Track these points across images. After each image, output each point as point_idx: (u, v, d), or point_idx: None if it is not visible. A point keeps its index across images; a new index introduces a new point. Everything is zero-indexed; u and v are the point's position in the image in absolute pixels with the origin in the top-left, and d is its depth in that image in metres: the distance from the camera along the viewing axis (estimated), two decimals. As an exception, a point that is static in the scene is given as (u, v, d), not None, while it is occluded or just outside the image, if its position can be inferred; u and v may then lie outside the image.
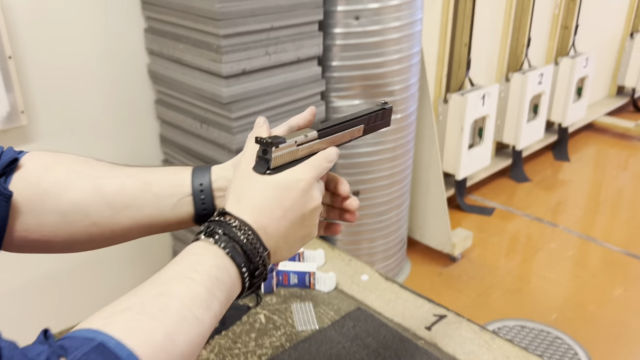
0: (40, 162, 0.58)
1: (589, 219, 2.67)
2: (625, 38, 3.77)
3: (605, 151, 3.44)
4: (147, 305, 0.44)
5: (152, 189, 0.58)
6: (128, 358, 0.39)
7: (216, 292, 0.47)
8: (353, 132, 0.60)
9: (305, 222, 0.54)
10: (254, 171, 0.53)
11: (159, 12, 1.57)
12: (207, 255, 0.49)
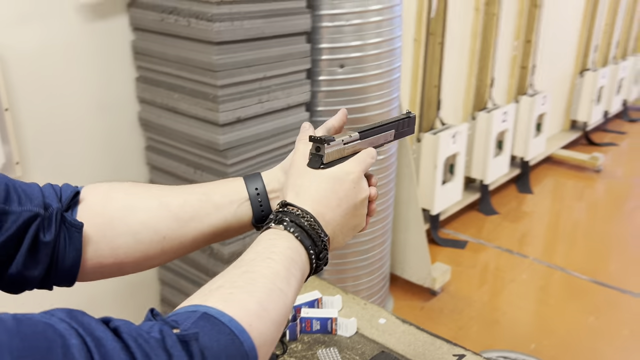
0: (100, 192, 0.62)
1: (555, 249, 2.80)
2: (576, 76, 4.03)
3: (564, 183, 3.62)
4: (237, 282, 0.49)
5: (213, 200, 0.63)
6: (229, 323, 0.44)
7: (292, 270, 0.53)
8: (386, 135, 0.68)
9: (357, 212, 0.61)
10: (309, 167, 0.60)
11: (152, 62, 1.61)
12: (280, 239, 0.55)
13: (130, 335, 0.39)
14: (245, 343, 0.44)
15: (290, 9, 1.60)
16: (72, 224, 0.57)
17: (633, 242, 2.84)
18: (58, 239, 0.57)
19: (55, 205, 0.57)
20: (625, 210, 3.22)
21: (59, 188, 0.61)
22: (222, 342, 0.43)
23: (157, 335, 0.40)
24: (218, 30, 1.42)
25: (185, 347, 0.41)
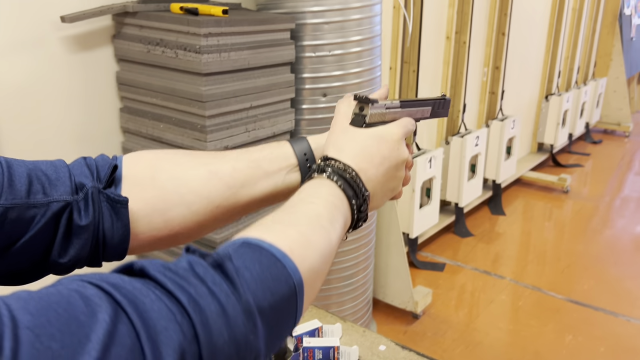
0: (145, 163, 0.60)
1: (530, 270, 2.87)
2: (542, 100, 4.17)
3: (534, 204, 3.72)
4: (279, 218, 0.49)
5: (262, 166, 0.62)
6: (270, 248, 0.43)
7: (335, 214, 0.53)
8: (424, 111, 0.70)
9: (397, 173, 0.62)
10: (352, 125, 0.61)
11: (137, 93, 1.61)
12: (323, 187, 0.55)
13: (158, 271, 0.37)
14: (287, 266, 0.43)
15: (275, 41, 1.63)
16: (115, 200, 0.55)
17: (602, 261, 2.93)
18: (101, 218, 0.55)
19: (89, 184, 0.55)
20: (593, 230, 3.32)
21: (93, 163, 0.58)
22: (263, 263, 0.42)
23: (185, 266, 0.38)
24: (206, 61, 1.44)
25: (219, 269, 0.39)
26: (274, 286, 0.41)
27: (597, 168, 4.39)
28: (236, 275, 0.39)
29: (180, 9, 1.51)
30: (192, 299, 0.35)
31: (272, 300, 0.40)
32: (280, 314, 0.42)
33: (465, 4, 2.83)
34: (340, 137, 0.60)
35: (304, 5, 1.76)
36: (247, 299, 0.38)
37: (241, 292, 0.38)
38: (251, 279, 0.40)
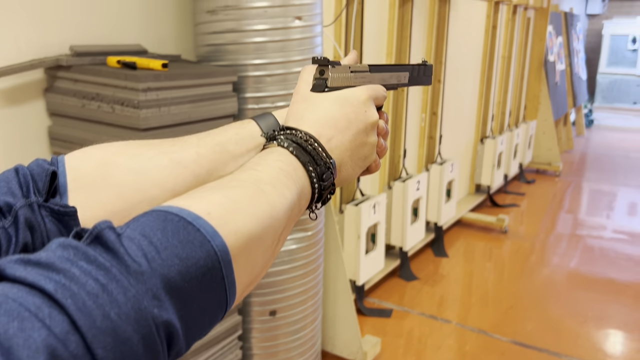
0: (94, 160, 0.52)
1: (475, 312, 2.90)
2: (477, 143, 4.33)
3: (475, 244, 3.81)
4: (208, 186, 0.43)
5: (228, 149, 0.56)
6: (179, 212, 0.37)
7: (282, 179, 0.46)
8: (399, 76, 0.64)
9: (367, 139, 0.56)
10: (313, 92, 0.55)
11: (71, 148, 1.52)
12: (271, 153, 0.49)
13: (14, 267, 0.30)
14: (203, 229, 0.37)
15: (217, 94, 1.61)
16: (61, 212, 0.47)
17: (542, 300, 3.00)
18: (46, 238, 0.46)
19: (19, 202, 0.46)
20: (531, 269, 3.42)
21: (27, 172, 0.49)
22: (167, 229, 0.36)
23: (50, 253, 0.32)
24: (145, 117, 1.39)
25: (97, 243, 0.33)
26: (183, 252, 0.35)
27: (532, 207, 4.56)
28: (119, 244, 0.33)
29: (117, 63, 1.47)
30: (61, 284, 0.30)
31: (183, 267, 0.35)
32: (199, 285, 0.36)
33: (402, 52, 2.92)
34: (300, 105, 0.55)
35: (246, 58, 1.76)
36: (138, 269, 0.33)
37: (128, 262, 0.33)
38: (149, 247, 0.34)
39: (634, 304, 2.92)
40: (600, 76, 8.02)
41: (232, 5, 1.72)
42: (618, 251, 3.66)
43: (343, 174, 0.55)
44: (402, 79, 0.65)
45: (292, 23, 1.78)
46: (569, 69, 6.35)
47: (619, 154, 6.73)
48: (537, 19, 5.19)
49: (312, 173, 0.50)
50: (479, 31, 4.05)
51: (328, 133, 0.53)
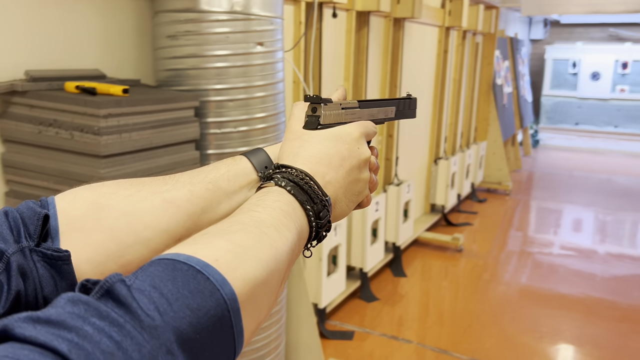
0: (84, 203, 0.50)
1: (434, 331, 2.94)
2: (431, 164, 4.43)
3: (432, 264, 3.87)
4: (210, 230, 0.43)
5: (221, 187, 0.55)
6: (187, 260, 0.37)
7: (283, 220, 0.46)
8: (387, 111, 0.65)
9: (361, 175, 0.56)
10: (306, 129, 0.56)
11: (26, 176, 1.48)
12: (269, 194, 0.49)
13: (23, 326, 0.29)
14: (212, 277, 0.36)
15: (179, 119, 1.60)
16: (54, 256, 0.46)
17: (499, 317, 3.08)
18: (39, 284, 0.44)
19: (11, 248, 0.44)
20: (487, 286, 3.50)
21: (17, 216, 0.47)
22: (178, 279, 0.35)
23: (60, 309, 0.31)
24: (106, 143, 1.36)
25: (107, 298, 0.32)
26: (194, 302, 0.35)
27: (485, 225, 4.68)
28: (131, 298, 0.33)
29: (75, 88, 1.44)
30: (74, 344, 0.29)
31: (194, 318, 0.34)
32: (210, 335, 0.35)
33: (359, 77, 2.97)
34: (293, 142, 0.55)
35: (207, 83, 1.75)
36: (151, 323, 0.32)
37: (141, 317, 0.32)
38: (160, 299, 0.34)
39: (585, 319, 3.03)
40: (544, 98, 8.39)
41: (193, 30, 1.72)
42: (567, 267, 3.80)
43: (337, 210, 0.55)
44: (389, 113, 0.67)
45: (254, 49, 1.79)
46: (515, 91, 6.61)
47: (563, 172, 7.02)
48: (485, 43, 5.40)
49: (309, 212, 0.51)
50: (431, 56, 4.18)
51: (323, 170, 0.53)
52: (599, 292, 3.37)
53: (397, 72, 3.41)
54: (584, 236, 4.67)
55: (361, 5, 2.81)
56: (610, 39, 8.33)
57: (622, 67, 7.86)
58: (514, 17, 7.44)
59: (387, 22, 3.25)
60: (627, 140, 8.10)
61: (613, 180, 6.68)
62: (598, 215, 5.18)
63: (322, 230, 0.53)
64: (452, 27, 4.28)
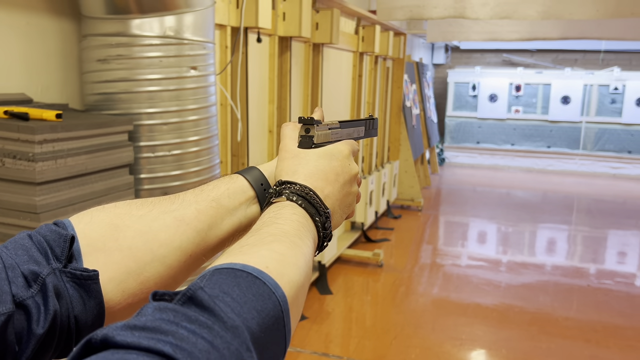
0: (101, 224, 0.52)
1: (363, 345, 3.02)
2: (350, 183, 4.57)
3: (355, 280, 3.98)
4: (246, 242, 0.46)
5: (223, 204, 0.59)
6: (244, 268, 0.41)
7: (302, 231, 0.51)
8: (359, 130, 0.72)
9: (351, 189, 0.62)
10: (300, 148, 0.61)
11: (-52, 205, 1.39)
12: (284, 208, 0.53)
13: (123, 334, 0.32)
14: (267, 282, 0.40)
15: (113, 143, 1.57)
16: (84, 276, 0.47)
17: (421, 328, 3.22)
18: (70, 304, 0.45)
19: (45, 269, 0.45)
20: (408, 299, 3.65)
21: (42, 239, 0.48)
22: (242, 285, 0.39)
23: (151, 316, 0.33)
24: (41, 170, 1.32)
25: (191, 304, 0.35)
26: (259, 305, 0.39)
27: (400, 241, 4.88)
28: (213, 303, 0.36)
29: (4, 114, 1.38)
30: (176, 346, 0.31)
31: (260, 319, 0.38)
32: (270, 334, 0.39)
33: (282, 99, 3.04)
34: (291, 160, 0.60)
35: (139, 107, 1.74)
36: (233, 324, 0.36)
37: (225, 318, 0.35)
38: (233, 303, 0.37)
39: (498, 324, 3.25)
40: (448, 119, 8.92)
41: (125, 54, 1.70)
42: (478, 277, 4.05)
43: (334, 221, 0.59)
44: (360, 132, 0.74)
45: (187, 73, 1.80)
46: (422, 113, 6.99)
47: (468, 188, 7.48)
48: (395, 68, 5.68)
49: (318, 223, 0.55)
50: (347, 79, 4.34)
51: (321, 185, 0.58)
52: (509, 299, 3.63)
53: (317, 95, 3.52)
54: (490, 247, 5.00)
55: (283, 30, 2.89)
56: (504, 64, 9.04)
57: (516, 90, 8.56)
58: (419, 43, 7.89)
59: (307, 47, 3.35)
60: (523, 157, 8.79)
61: (512, 194, 7.21)
62: (500, 227, 5.57)
63: (326, 240, 0.58)
64: (366, 53, 4.48)
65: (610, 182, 8.00)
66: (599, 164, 8.40)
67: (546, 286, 3.88)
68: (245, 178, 0.62)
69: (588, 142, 8.40)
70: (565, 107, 8.35)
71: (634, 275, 4.26)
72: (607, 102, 8.21)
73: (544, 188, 7.50)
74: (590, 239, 5.20)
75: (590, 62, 8.66)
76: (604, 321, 3.29)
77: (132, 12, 1.69)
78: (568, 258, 4.65)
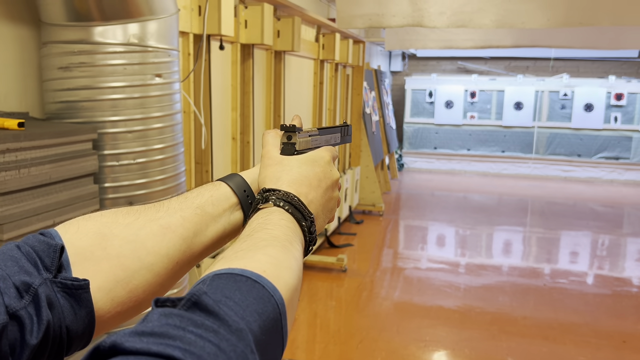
0: (89, 233, 0.52)
1: (330, 350, 3.04)
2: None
3: (320, 285, 3.99)
4: (240, 248, 0.47)
5: (208, 211, 0.59)
6: (243, 272, 0.42)
7: (291, 236, 0.52)
8: (335, 137, 0.74)
9: (333, 194, 0.64)
10: (283, 155, 0.62)
11: None
12: (272, 214, 0.54)
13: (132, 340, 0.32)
14: (266, 286, 0.42)
15: (77, 152, 1.55)
16: (75, 286, 0.47)
17: (386, 331, 3.26)
18: (62, 314, 0.45)
19: (37, 280, 0.45)
20: (371, 303, 3.69)
21: (30, 250, 0.47)
22: (242, 289, 0.40)
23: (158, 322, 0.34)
24: (3, 180, 1.29)
25: (196, 309, 0.36)
26: (259, 308, 0.40)
27: (363, 246, 4.94)
28: (217, 307, 0.37)
29: (-37, 122, 1.34)
30: (185, 350, 0.32)
31: (261, 322, 0.39)
32: (270, 336, 0.40)
33: (245, 107, 3.04)
34: (275, 167, 0.61)
35: (102, 115, 1.71)
36: (238, 327, 0.36)
37: (229, 322, 0.36)
38: (236, 306, 0.38)
39: (460, 325, 3.33)
40: (406, 125, 9.08)
41: (88, 62, 1.68)
42: (440, 279, 4.13)
43: (317, 226, 0.61)
44: (337, 139, 0.76)
45: (152, 80, 1.79)
46: (382, 119, 7.09)
47: (426, 192, 7.62)
48: (355, 75, 5.76)
49: (304, 228, 0.57)
50: (309, 87, 4.38)
51: (305, 191, 0.59)
52: (469, 300, 3.72)
53: (280, 102, 3.53)
54: (449, 250, 5.11)
55: (245, 38, 2.90)
56: (459, 71, 9.28)
57: (471, 96, 8.79)
58: (377, 51, 8.01)
59: (269, 55, 3.37)
60: (478, 162, 9.02)
61: (469, 198, 7.39)
62: (458, 230, 5.70)
63: (311, 244, 0.59)
64: (326, 60, 4.52)
65: (562, 184, 8.30)
66: (551, 167, 8.71)
67: (504, 287, 4.00)
68: (228, 185, 0.62)
69: (540, 146, 8.70)
70: (518, 112, 8.63)
71: (586, 274, 4.44)
72: (558, 108, 8.54)
73: (499, 191, 7.72)
74: (544, 240, 5.39)
75: (540, 69, 9.00)
76: (560, 319, 3.41)
77: (95, 19, 1.67)
78: (524, 259, 4.80)
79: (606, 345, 3.05)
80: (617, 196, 7.55)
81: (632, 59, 8.59)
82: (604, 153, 8.41)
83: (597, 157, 8.45)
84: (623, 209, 6.92)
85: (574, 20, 3.38)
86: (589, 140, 8.44)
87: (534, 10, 3.34)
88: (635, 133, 8.23)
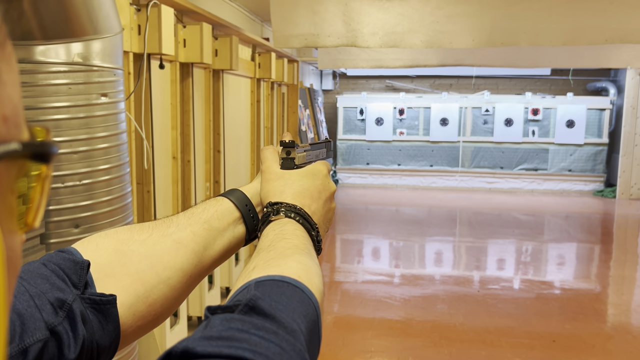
0: (107, 250, 0.54)
1: None
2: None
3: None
4: (267, 257, 0.50)
5: (214, 226, 0.61)
6: (282, 278, 0.45)
7: (307, 244, 0.55)
8: (322, 152, 0.78)
9: (331, 205, 0.67)
10: (284, 169, 0.65)
11: None
12: (286, 225, 0.57)
13: (203, 345, 0.34)
14: (304, 290, 0.45)
15: (22, 174, 1.50)
16: (104, 301, 0.48)
17: (332, 344, 3.30)
18: (92, 330, 0.46)
19: (70, 296, 0.46)
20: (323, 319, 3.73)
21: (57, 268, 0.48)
22: (287, 293, 0.43)
23: (222, 327, 0.36)
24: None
25: (253, 313, 0.39)
26: (304, 310, 0.43)
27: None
28: (273, 310, 0.39)
29: None
30: (253, 351, 0.34)
31: (307, 323, 0.42)
32: (313, 337, 0.43)
33: (185, 125, 3.02)
34: (277, 182, 0.64)
35: (46, 135, 1.67)
36: (292, 328, 0.39)
37: (286, 324, 0.39)
38: (285, 309, 0.41)
39: (403, 334, 3.42)
40: (340, 142, 9.26)
41: (29, 82, 1.64)
42: (380, 291, 4.23)
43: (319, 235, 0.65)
44: (323, 154, 0.80)
45: (97, 100, 1.76)
46: (316, 136, 7.20)
47: (361, 207, 7.79)
48: (290, 94, 5.84)
49: (314, 238, 0.60)
50: (247, 105, 4.40)
51: (307, 202, 0.63)
52: (409, 310, 3.83)
53: (219, 120, 3.53)
54: (385, 262, 5.25)
55: (184, 57, 2.89)
56: (387, 89, 9.60)
57: (400, 114, 9.11)
58: (309, 70, 8.15)
59: (207, 73, 3.37)
60: (409, 176, 9.33)
61: (401, 211, 7.62)
62: (392, 242, 5.87)
63: (318, 253, 0.62)
64: (263, 79, 4.57)
65: (487, 195, 8.73)
66: (476, 179, 9.15)
67: (441, 295, 4.15)
68: (230, 200, 0.65)
69: (466, 160, 9.12)
70: (444, 128, 9.02)
71: (514, 279, 4.69)
72: (480, 123, 9.01)
73: (429, 204, 8.01)
74: (473, 248, 5.64)
75: (463, 87, 9.47)
76: (495, 322, 3.59)
77: (36, 39, 1.63)
78: (456, 267, 5.01)
79: (538, 345, 3.24)
80: (538, 205, 8.03)
81: (544, 76, 9.23)
82: (524, 165, 8.94)
83: (518, 169, 8.96)
84: (544, 217, 7.37)
85: (496, 40, 3.62)
86: (510, 153, 8.95)
87: (461, 31, 3.55)
88: (551, 145, 8.82)
